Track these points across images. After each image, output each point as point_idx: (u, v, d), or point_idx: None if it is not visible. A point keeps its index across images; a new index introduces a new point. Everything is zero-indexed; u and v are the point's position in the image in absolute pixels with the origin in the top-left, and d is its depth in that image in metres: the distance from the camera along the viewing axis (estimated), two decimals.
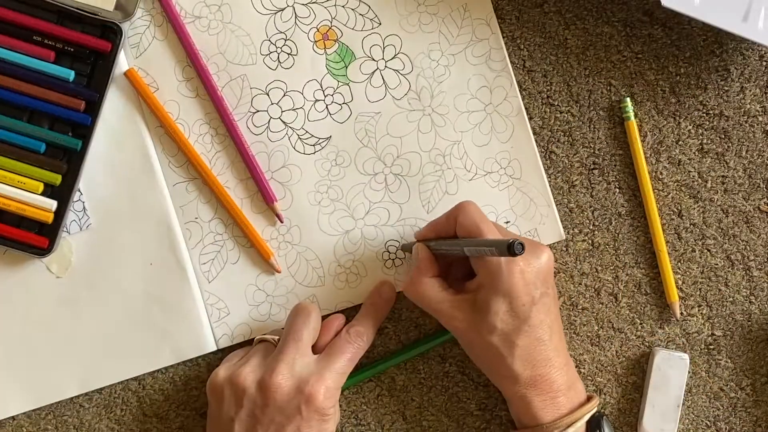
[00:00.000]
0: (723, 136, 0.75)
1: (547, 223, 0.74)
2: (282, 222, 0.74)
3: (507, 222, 0.74)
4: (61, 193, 0.72)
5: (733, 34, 0.69)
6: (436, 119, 0.74)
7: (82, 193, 0.74)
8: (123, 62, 0.74)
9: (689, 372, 0.74)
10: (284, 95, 0.74)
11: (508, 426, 0.74)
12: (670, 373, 0.73)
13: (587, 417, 0.67)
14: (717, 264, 0.75)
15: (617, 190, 0.75)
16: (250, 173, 0.74)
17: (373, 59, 0.74)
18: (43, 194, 0.72)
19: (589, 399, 0.68)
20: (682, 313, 0.75)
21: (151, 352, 0.74)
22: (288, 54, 0.74)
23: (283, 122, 0.74)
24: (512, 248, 0.58)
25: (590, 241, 0.75)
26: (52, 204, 0.72)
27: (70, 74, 0.72)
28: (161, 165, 0.74)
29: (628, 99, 0.74)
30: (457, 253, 0.66)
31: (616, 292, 0.75)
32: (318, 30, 0.74)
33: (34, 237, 0.72)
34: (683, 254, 0.74)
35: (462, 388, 0.75)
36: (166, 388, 0.74)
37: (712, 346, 0.75)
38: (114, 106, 0.74)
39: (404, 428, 0.75)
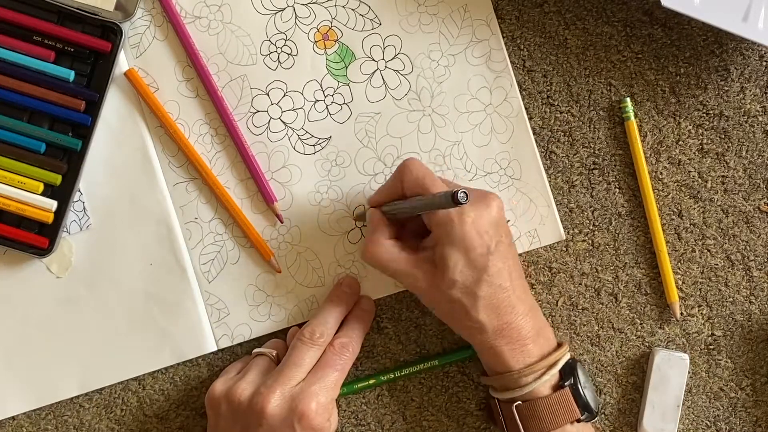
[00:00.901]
0: (723, 136, 0.75)
1: (547, 224, 0.74)
2: (282, 222, 0.74)
3: (507, 221, 0.74)
4: (61, 193, 0.72)
5: (733, 34, 0.69)
6: (436, 120, 0.74)
7: (82, 193, 0.74)
8: (123, 62, 0.74)
9: (689, 372, 0.74)
10: (284, 95, 0.74)
11: None
12: (670, 373, 0.73)
13: (560, 364, 0.67)
14: (717, 264, 0.75)
15: (617, 190, 0.75)
16: (250, 173, 0.74)
17: (373, 59, 0.74)
18: (43, 194, 0.72)
19: (559, 346, 0.69)
20: (682, 313, 0.75)
21: (151, 352, 0.74)
22: (288, 54, 0.74)
23: (283, 122, 0.74)
24: (455, 198, 0.58)
25: (590, 241, 0.75)
26: (52, 204, 0.72)
27: (70, 74, 0.72)
28: (161, 165, 0.74)
29: (628, 99, 0.74)
30: (408, 213, 0.66)
31: (616, 292, 0.75)
32: (318, 30, 0.74)
33: (34, 237, 0.72)
34: (683, 254, 0.74)
35: (462, 388, 0.75)
36: (166, 388, 0.74)
37: (712, 346, 0.75)
38: (114, 106, 0.74)
39: (404, 428, 0.75)
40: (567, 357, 0.68)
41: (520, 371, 0.66)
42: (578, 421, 0.67)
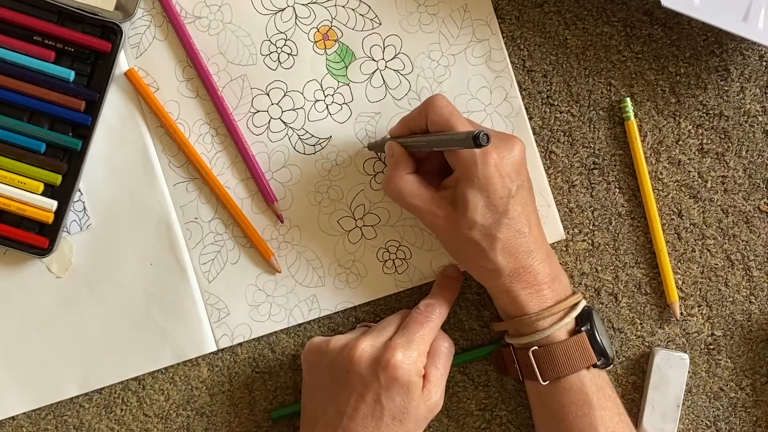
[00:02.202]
0: (723, 136, 0.75)
1: (547, 223, 0.74)
2: (282, 222, 0.74)
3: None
4: (62, 193, 0.72)
5: (733, 34, 0.69)
6: None
7: (82, 193, 0.74)
8: (123, 62, 0.74)
9: (689, 372, 0.74)
10: (284, 95, 0.74)
11: (509, 426, 0.74)
12: (670, 373, 0.73)
13: (579, 309, 0.67)
14: (717, 264, 0.75)
15: (617, 190, 0.75)
16: (250, 173, 0.74)
17: (374, 59, 0.74)
18: (43, 194, 0.72)
19: (574, 293, 0.69)
20: (682, 313, 0.75)
21: (151, 352, 0.74)
22: (288, 54, 0.74)
23: (284, 122, 0.74)
24: (477, 140, 0.58)
25: (590, 241, 0.75)
26: (53, 204, 0.72)
27: (71, 74, 0.72)
28: (161, 165, 0.74)
29: (628, 99, 0.74)
30: (427, 148, 0.66)
31: (616, 292, 0.75)
32: (318, 30, 0.74)
33: (35, 237, 0.72)
34: (683, 254, 0.74)
35: (462, 388, 0.75)
36: (166, 388, 0.74)
37: (712, 346, 0.75)
38: (114, 106, 0.74)
39: None
40: (583, 303, 0.68)
41: (538, 314, 0.66)
42: (594, 366, 0.67)
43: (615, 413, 0.67)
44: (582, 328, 0.67)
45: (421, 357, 0.66)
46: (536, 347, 0.67)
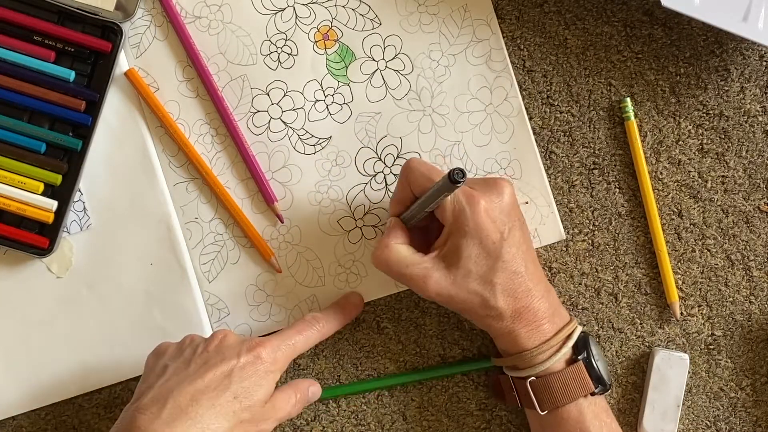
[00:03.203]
0: (723, 136, 0.75)
1: (547, 223, 0.74)
2: (282, 222, 0.74)
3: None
4: (62, 193, 0.72)
5: (733, 34, 0.69)
6: (436, 119, 0.74)
7: (82, 193, 0.74)
8: (123, 62, 0.74)
9: (689, 372, 0.74)
10: (284, 95, 0.74)
11: (509, 426, 0.74)
12: (670, 373, 0.73)
13: (574, 338, 0.67)
14: (717, 264, 0.75)
15: (617, 190, 0.75)
16: (250, 173, 0.74)
17: (374, 59, 0.75)
18: (43, 194, 0.72)
19: (570, 320, 0.69)
20: (682, 313, 0.75)
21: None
22: (288, 54, 0.74)
23: (284, 122, 0.74)
24: (451, 177, 0.58)
25: (590, 241, 0.75)
26: (53, 204, 0.72)
27: (71, 74, 0.72)
28: (161, 165, 0.74)
29: (628, 99, 0.74)
30: (419, 211, 0.66)
31: (616, 292, 0.75)
32: (318, 30, 0.74)
33: (35, 237, 0.72)
34: (683, 254, 0.75)
35: (462, 388, 0.75)
36: None
37: (712, 346, 0.75)
38: (114, 106, 0.74)
39: (404, 428, 0.75)
40: (579, 330, 0.68)
41: (538, 348, 0.66)
42: (592, 394, 0.67)
43: None
44: (579, 357, 0.67)
45: (286, 355, 0.66)
46: (534, 378, 0.67)
